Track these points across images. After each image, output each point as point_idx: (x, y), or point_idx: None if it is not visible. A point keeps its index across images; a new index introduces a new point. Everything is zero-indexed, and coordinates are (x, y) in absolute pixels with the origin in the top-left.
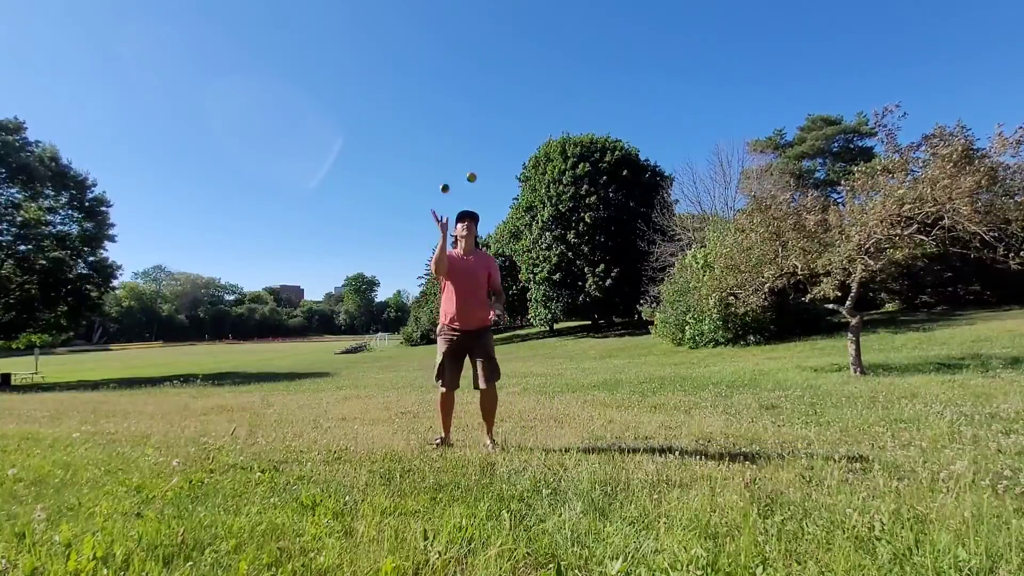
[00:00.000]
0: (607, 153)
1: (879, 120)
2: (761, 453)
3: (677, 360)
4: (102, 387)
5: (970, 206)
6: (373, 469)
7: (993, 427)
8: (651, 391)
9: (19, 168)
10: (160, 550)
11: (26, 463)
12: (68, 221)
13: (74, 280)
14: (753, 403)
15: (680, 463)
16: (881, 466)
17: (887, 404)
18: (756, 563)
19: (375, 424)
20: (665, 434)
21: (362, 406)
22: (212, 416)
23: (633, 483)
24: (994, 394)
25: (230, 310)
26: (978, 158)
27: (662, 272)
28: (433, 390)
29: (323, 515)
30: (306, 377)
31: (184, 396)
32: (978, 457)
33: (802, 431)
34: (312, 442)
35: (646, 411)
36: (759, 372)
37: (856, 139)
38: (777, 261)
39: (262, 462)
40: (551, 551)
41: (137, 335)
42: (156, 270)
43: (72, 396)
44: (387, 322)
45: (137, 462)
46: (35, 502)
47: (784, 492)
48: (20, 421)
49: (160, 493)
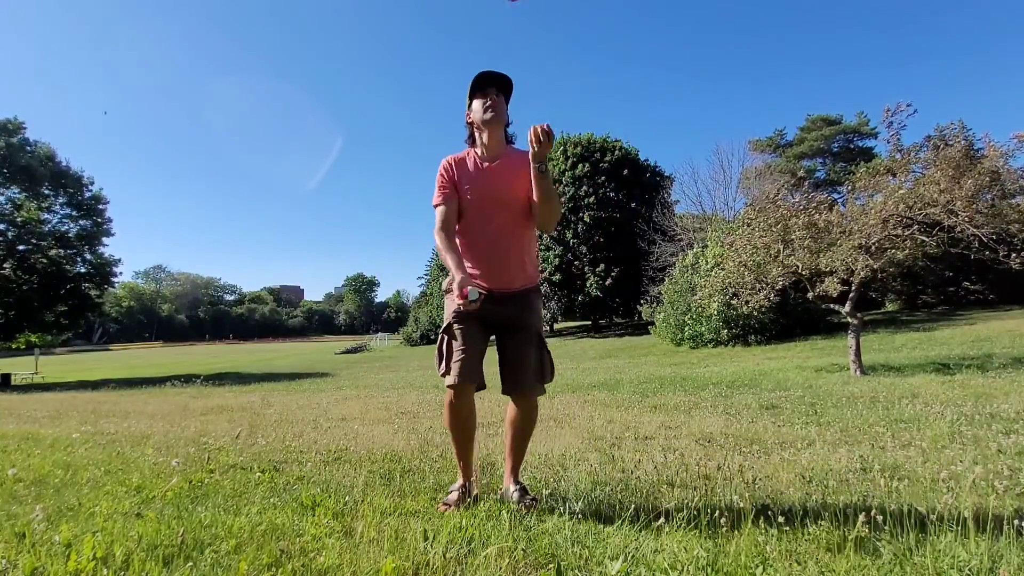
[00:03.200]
0: (607, 153)
1: (888, 118)
2: (761, 453)
3: (677, 360)
4: (102, 387)
5: (970, 207)
6: (373, 469)
7: (993, 427)
8: (651, 391)
9: (20, 168)
10: (160, 550)
11: (26, 463)
12: (67, 220)
13: (73, 279)
14: (753, 403)
15: (680, 463)
16: (881, 466)
17: (887, 404)
18: (756, 563)
19: (375, 424)
20: (665, 434)
21: (362, 406)
22: (212, 416)
23: (633, 483)
24: (994, 394)
25: (230, 310)
26: (978, 159)
27: (662, 272)
28: (435, 390)
29: (323, 515)
30: (306, 377)
31: (184, 396)
32: (979, 457)
33: (802, 431)
34: (312, 442)
35: (646, 411)
36: (759, 372)
37: (856, 139)
38: (780, 260)
39: (262, 462)
40: (551, 551)
41: (137, 335)
42: (156, 270)
43: (72, 396)
44: (387, 322)
45: (137, 462)
46: (35, 502)
47: (784, 492)
48: (20, 421)
49: (160, 493)
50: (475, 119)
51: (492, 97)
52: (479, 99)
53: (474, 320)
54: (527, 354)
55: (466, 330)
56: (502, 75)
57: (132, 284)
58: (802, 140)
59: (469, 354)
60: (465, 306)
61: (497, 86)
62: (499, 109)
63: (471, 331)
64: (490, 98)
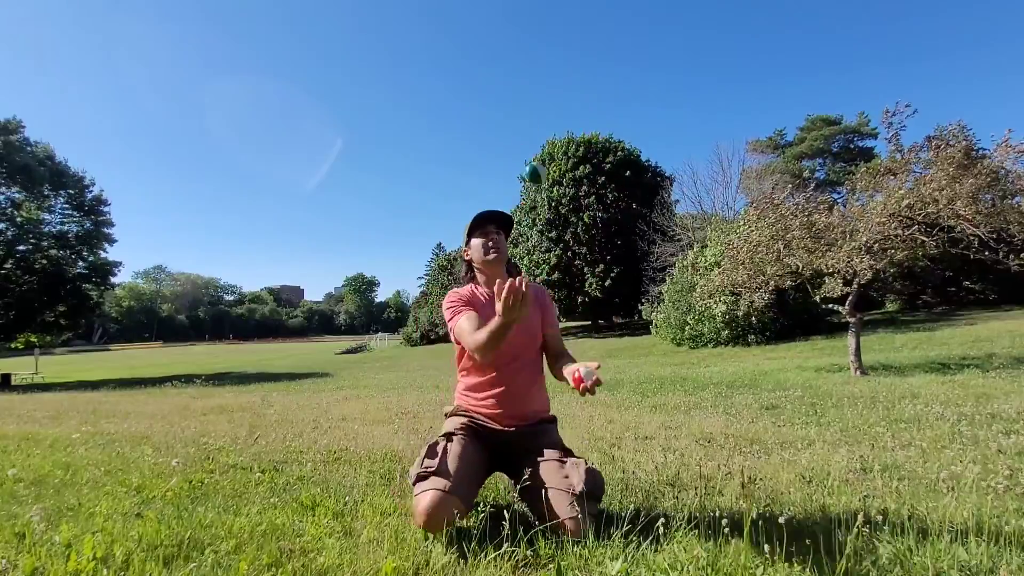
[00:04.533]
0: (609, 154)
1: (888, 118)
2: (762, 453)
3: (677, 360)
4: (102, 387)
5: (970, 208)
6: (373, 469)
7: (994, 427)
8: (651, 391)
9: (19, 168)
10: (160, 550)
11: (26, 463)
12: (67, 221)
13: (73, 280)
14: (753, 403)
15: (680, 463)
16: (882, 466)
17: (888, 404)
18: (756, 564)
19: (375, 424)
20: (665, 434)
21: (362, 406)
22: (212, 416)
23: (633, 483)
24: (995, 394)
25: (230, 310)
26: (979, 159)
27: (662, 272)
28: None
29: (323, 515)
30: (306, 377)
31: (184, 396)
32: (979, 457)
33: (802, 431)
34: (312, 442)
35: (646, 411)
36: (759, 372)
37: (856, 139)
38: (780, 260)
39: (262, 462)
40: (551, 551)
41: (137, 335)
42: (156, 270)
43: (72, 396)
44: (387, 322)
45: (137, 462)
46: (35, 502)
47: (784, 492)
48: (20, 421)
49: (160, 493)
50: (475, 259)
51: (492, 236)
52: (479, 238)
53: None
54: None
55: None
56: (501, 213)
57: (132, 284)
58: (802, 140)
59: (460, 469)
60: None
61: (496, 223)
62: (501, 248)
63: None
64: (491, 238)
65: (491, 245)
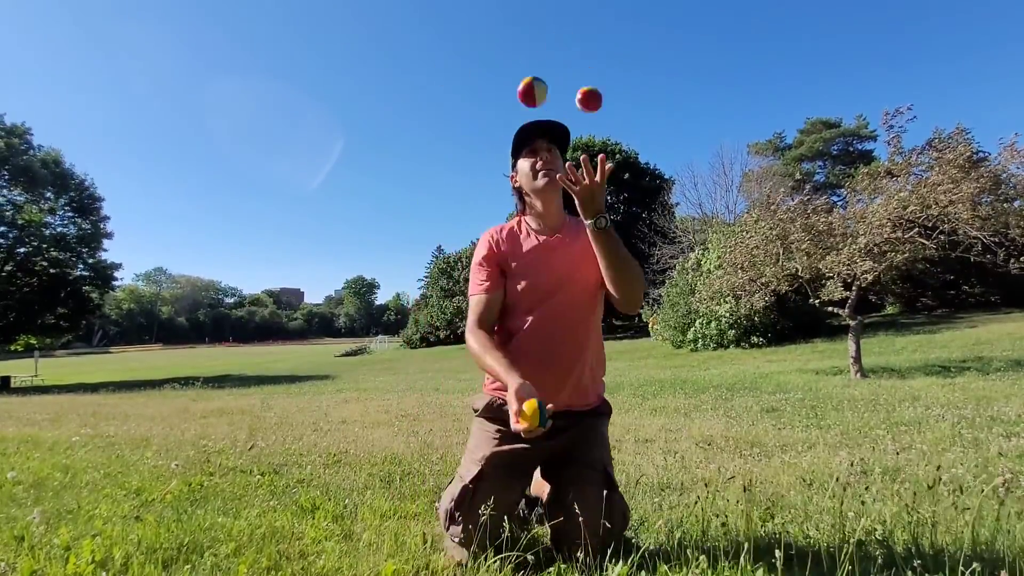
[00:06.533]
0: (607, 156)
1: (888, 121)
2: (762, 456)
3: (677, 363)
4: (102, 390)
5: (971, 211)
6: (373, 472)
7: (994, 430)
8: (651, 394)
9: (21, 171)
10: (159, 553)
11: (25, 466)
12: (67, 222)
13: (73, 282)
14: (754, 406)
15: (681, 466)
16: (882, 469)
17: (888, 407)
18: (756, 565)
19: (375, 427)
20: (666, 437)
21: (362, 409)
22: (212, 419)
23: (633, 486)
24: (995, 397)
25: (230, 313)
26: (980, 162)
27: (662, 275)
28: (435, 392)
29: (323, 518)
30: (306, 380)
31: (184, 399)
32: (979, 460)
33: (803, 434)
34: (312, 445)
35: (647, 414)
36: (760, 375)
37: (856, 142)
38: (780, 263)
39: (261, 465)
40: (551, 553)
41: (137, 338)
42: (156, 272)
43: (72, 399)
44: (387, 325)
45: (137, 465)
46: (34, 505)
47: (785, 495)
48: (20, 424)
49: (159, 496)
50: (524, 185)
51: (544, 155)
52: (527, 158)
53: (515, 457)
54: (593, 495)
55: (500, 481)
56: (554, 123)
57: (132, 287)
58: (801, 143)
59: (497, 518)
60: (527, 432)
61: (548, 137)
62: (555, 169)
63: (506, 482)
64: (541, 156)
65: (542, 167)
